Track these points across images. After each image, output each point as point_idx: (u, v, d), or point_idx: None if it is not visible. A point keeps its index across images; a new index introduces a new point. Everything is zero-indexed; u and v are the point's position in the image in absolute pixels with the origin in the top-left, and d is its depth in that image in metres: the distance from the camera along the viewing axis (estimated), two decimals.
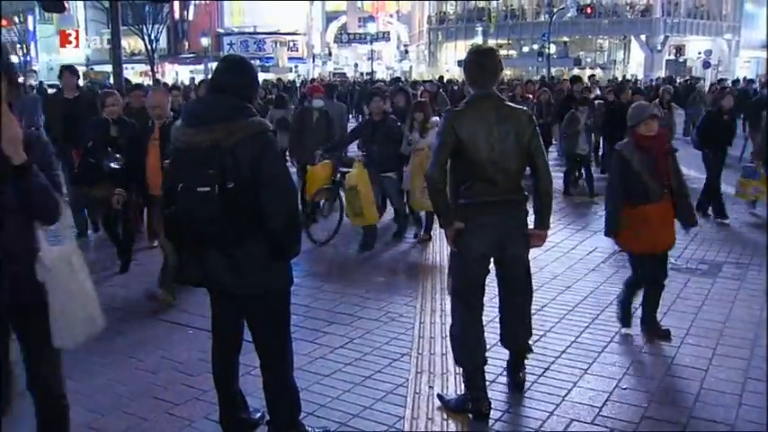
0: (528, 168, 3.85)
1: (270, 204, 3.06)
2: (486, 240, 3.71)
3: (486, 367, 4.21)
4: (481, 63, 3.76)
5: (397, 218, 8.21)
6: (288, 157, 9.24)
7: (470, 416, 3.80)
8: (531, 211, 3.92)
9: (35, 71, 51.71)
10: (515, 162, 3.70)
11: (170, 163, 3.32)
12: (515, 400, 4.02)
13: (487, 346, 3.98)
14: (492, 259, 3.85)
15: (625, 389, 4.16)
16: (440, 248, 7.47)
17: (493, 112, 3.67)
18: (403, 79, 33.71)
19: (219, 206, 2.98)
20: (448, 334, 4.14)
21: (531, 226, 3.91)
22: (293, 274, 3.37)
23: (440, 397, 4.02)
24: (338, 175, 7.84)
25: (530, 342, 4.21)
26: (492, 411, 3.87)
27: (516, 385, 4.13)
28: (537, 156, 3.76)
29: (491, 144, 3.63)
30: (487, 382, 4.17)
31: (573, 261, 6.94)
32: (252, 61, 3.56)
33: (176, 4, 52.20)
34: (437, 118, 6.63)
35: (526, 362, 4.43)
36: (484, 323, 4.97)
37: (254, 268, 3.18)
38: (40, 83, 30.90)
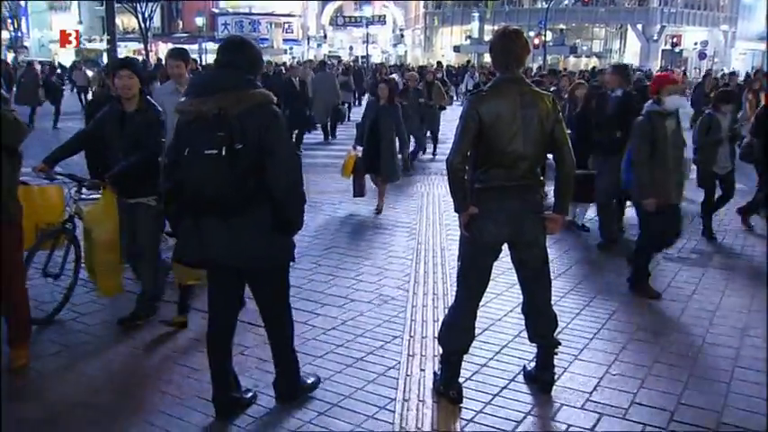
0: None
1: (274, 172, 3.20)
2: (500, 226, 3.64)
3: (478, 351, 4.25)
4: (506, 46, 3.65)
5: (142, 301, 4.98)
6: None
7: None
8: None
9: (26, 47, 51.20)
10: (537, 148, 3.62)
11: (174, 135, 3.41)
12: (506, 384, 4.04)
13: (477, 333, 3.98)
14: (508, 245, 3.78)
15: (615, 375, 4.19)
16: (433, 233, 7.48)
17: (518, 96, 3.57)
18: (399, 63, 33.61)
19: (227, 168, 3.11)
20: (440, 318, 4.15)
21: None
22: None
23: (434, 375, 4.05)
24: (72, 207, 4.96)
25: (556, 334, 4.00)
26: (482, 395, 3.90)
27: (544, 385, 3.94)
28: (561, 141, 3.67)
29: (514, 129, 3.54)
30: (479, 366, 4.21)
31: (564, 248, 6.96)
32: None
33: None
34: None
35: (521, 347, 4.47)
36: (503, 314, 4.99)
37: (256, 243, 3.29)
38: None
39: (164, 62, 6.41)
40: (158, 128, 4.65)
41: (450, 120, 11.15)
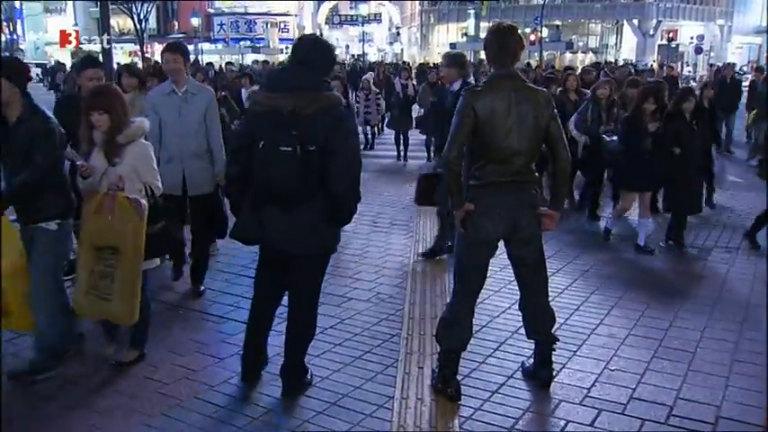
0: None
1: (337, 170, 3.41)
2: (496, 222, 3.64)
3: (476, 348, 4.25)
4: (500, 42, 3.65)
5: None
6: None
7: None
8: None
9: (22, 49, 51.13)
10: (531, 144, 3.61)
11: (243, 124, 3.62)
12: (504, 381, 4.03)
13: (474, 330, 3.97)
14: (504, 241, 3.78)
15: (614, 370, 4.18)
16: (429, 231, 7.46)
17: (512, 92, 3.57)
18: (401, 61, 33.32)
19: (300, 165, 3.34)
20: (438, 315, 4.14)
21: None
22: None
23: (433, 372, 4.04)
24: None
25: (554, 330, 4.03)
26: (480, 392, 3.89)
27: (543, 381, 3.94)
28: (556, 138, 3.66)
29: (509, 125, 3.54)
30: (477, 363, 4.20)
31: (564, 243, 6.95)
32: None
33: None
34: (143, 121, 4.14)
35: (519, 344, 4.46)
36: (501, 311, 4.98)
37: (310, 231, 3.51)
38: None
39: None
40: (45, 140, 3.79)
41: None
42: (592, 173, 8.15)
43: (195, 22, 50.74)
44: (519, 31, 3.76)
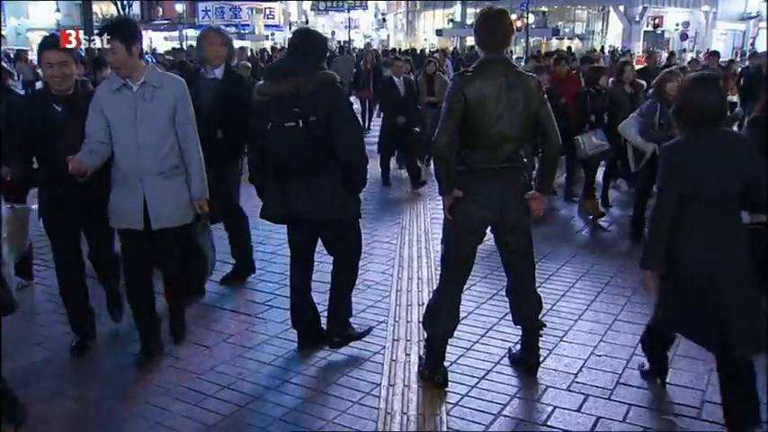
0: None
1: (339, 138, 3.79)
2: (484, 208, 3.62)
3: (463, 335, 4.24)
4: (491, 27, 3.60)
5: None
6: None
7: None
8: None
9: (3, 36, 50.40)
10: (521, 130, 3.58)
11: (254, 114, 4.04)
12: (491, 367, 4.03)
13: (461, 317, 3.95)
14: (491, 227, 3.76)
15: (600, 355, 4.19)
16: (416, 217, 7.46)
17: (503, 77, 3.53)
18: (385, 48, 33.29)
19: (303, 137, 3.71)
20: (425, 302, 4.14)
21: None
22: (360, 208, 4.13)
23: (420, 359, 4.03)
24: None
25: (540, 316, 3.98)
26: (468, 378, 3.89)
27: (529, 367, 3.94)
28: (547, 123, 3.62)
29: (500, 110, 3.50)
30: (464, 350, 4.20)
31: (549, 230, 6.96)
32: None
33: None
34: None
35: (506, 330, 4.47)
36: (487, 297, 4.97)
37: (329, 198, 3.87)
38: None
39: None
40: None
41: None
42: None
43: (179, 8, 50.20)
44: (509, 16, 3.71)
